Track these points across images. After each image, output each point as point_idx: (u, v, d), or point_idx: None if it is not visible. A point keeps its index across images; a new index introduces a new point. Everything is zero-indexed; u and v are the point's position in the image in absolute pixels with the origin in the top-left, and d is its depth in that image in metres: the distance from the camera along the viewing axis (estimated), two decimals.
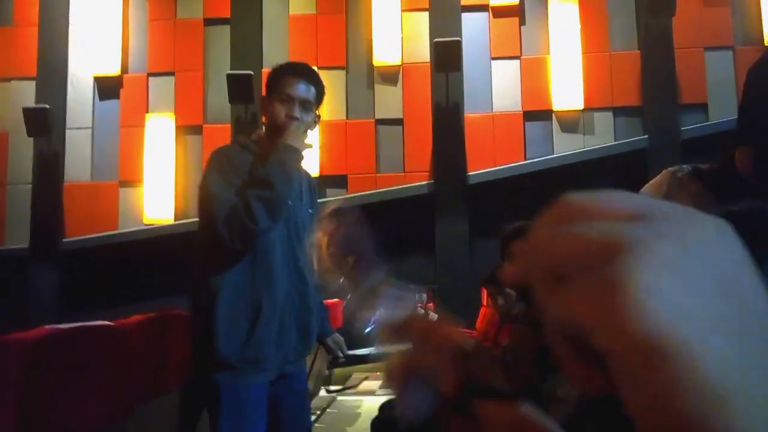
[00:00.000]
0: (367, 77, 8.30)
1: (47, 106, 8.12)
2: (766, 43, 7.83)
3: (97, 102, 8.53)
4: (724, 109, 7.72)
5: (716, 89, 7.86)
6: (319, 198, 7.98)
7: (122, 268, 7.71)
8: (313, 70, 2.04)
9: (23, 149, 8.31)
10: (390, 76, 8.26)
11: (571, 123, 8.02)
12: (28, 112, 7.99)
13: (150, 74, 8.49)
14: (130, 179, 8.34)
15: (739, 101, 1.95)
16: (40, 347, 1.24)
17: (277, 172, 1.77)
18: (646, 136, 7.78)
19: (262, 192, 1.75)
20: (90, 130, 8.47)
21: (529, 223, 1.68)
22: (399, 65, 8.23)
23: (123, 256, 7.75)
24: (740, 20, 7.99)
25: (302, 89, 1.92)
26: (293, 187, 1.87)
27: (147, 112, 8.41)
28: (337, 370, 5.49)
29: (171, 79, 8.45)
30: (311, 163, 8.06)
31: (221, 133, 8.18)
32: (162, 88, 8.46)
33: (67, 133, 8.42)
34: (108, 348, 1.45)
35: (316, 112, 1.99)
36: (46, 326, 1.29)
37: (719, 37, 7.94)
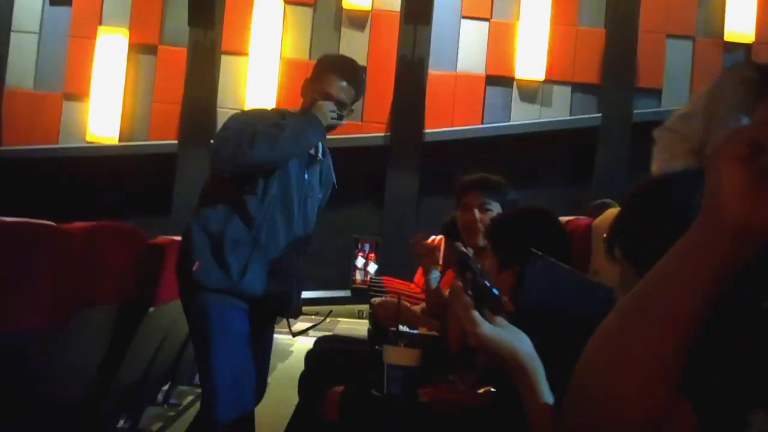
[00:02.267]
0: (335, 18, 8.12)
1: None
2: (725, 37, 8.06)
3: (47, 6, 8.05)
4: (677, 97, 7.96)
5: (672, 76, 8.09)
6: None
7: (61, 184, 7.44)
8: (359, 71, 2.09)
9: None
10: (358, 20, 8.10)
11: (530, 93, 8.11)
12: None
13: None
14: (76, 92, 7.98)
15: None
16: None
17: (294, 125, 1.83)
18: (600, 115, 7.96)
19: (271, 129, 1.80)
20: (37, 35, 8.01)
21: (487, 174, 1.73)
22: (368, 10, 8.07)
23: (63, 171, 7.47)
24: (704, 12, 8.18)
25: (343, 89, 1.96)
26: (305, 158, 1.96)
27: (100, 24, 8.00)
28: None
29: None
30: (268, 100, 7.91)
31: (177, 56, 7.89)
32: (118, 1, 8.05)
33: (12, 35, 7.95)
34: (49, 247, 1.43)
35: (351, 107, 2.03)
36: None
37: (682, 25, 8.12)
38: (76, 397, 1.93)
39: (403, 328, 1.51)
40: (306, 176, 1.98)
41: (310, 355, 2.31)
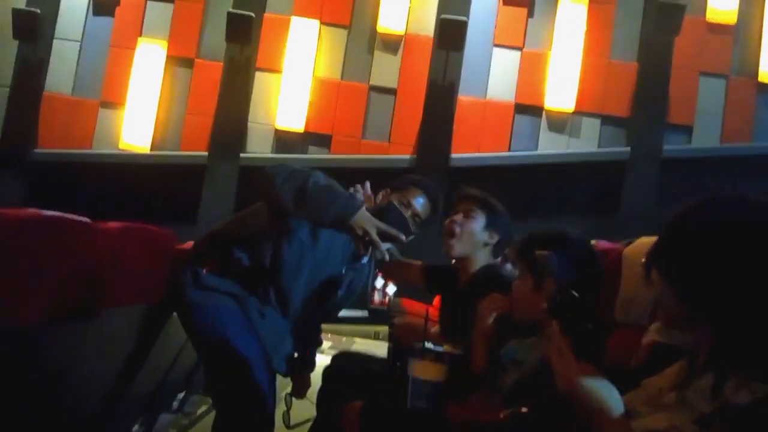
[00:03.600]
0: (369, 41, 8.23)
1: (38, 11, 7.87)
2: (759, 77, 7.99)
3: (90, 16, 8.29)
4: (708, 135, 7.89)
5: (704, 114, 8.01)
6: (301, 154, 7.82)
7: (92, 189, 7.59)
8: (440, 195, 2.11)
9: (7, 51, 8.06)
10: (391, 44, 8.20)
11: (559, 123, 8.10)
12: (17, 14, 7.74)
13: None
14: (112, 100, 8.16)
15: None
16: (23, 227, 1.25)
17: (333, 196, 1.73)
18: (629, 149, 7.90)
19: (306, 182, 1.71)
20: (78, 44, 8.23)
21: (488, 196, 1.75)
22: (402, 34, 8.17)
23: (94, 176, 7.62)
24: (740, 50, 8.12)
25: (422, 204, 2.01)
26: (334, 242, 1.86)
27: (140, 35, 8.21)
28: None
29: (169, 7, 8.25)
30: (299, 118, 8.01)
31: (212, 70, 8.05)
32: (159, 13, 8.26)
33: (55, 42, 8.19)
34: (82, 243, 1.46)
35: (419, 229, 2.03)
36: (29, 209, 1.29)
37: (716, 64, 8.07)
38: (95, 396, 1.95)
39: (428, 345, 1.51)
40: (344, 270, 1.95)
41: (327, 372, 2.30)
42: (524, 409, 1.05)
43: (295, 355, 2.07)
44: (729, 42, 8.09)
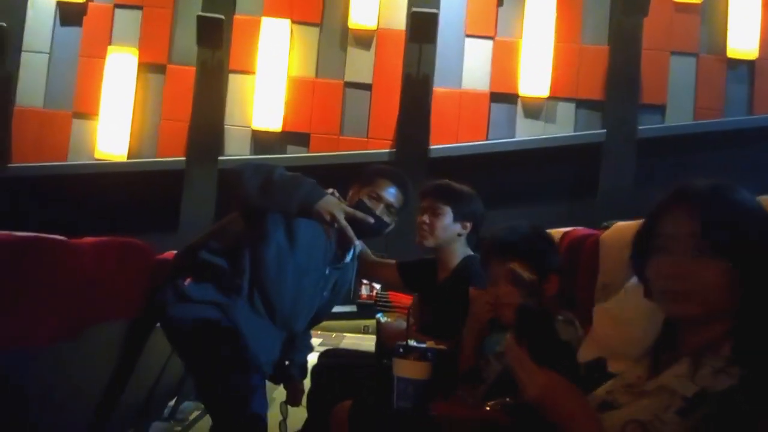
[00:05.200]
0: (341, 38, 8.21)
1: (4, 24, 7.75)
2: (728, 54, 8.10)
3: (58, 27, 8.18)
4: (681, 113, 7.99)
5: (676, 93, 8.12)
6: (280, 154, 7.76)
7: (69, 201, 7.50)
8: (407, 179, 2.06)
9: None
10: (364, 40, 8.19)
11: (534, 109, 8.16)
12: None
13: (117, 5, 8.18)
14: (85, 111, 8.07)
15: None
16: None
17: (297, 184, 1.75)
18: (605, 131, 7.99)
19: (271, 174, 1.75)
20: (47, 56, 8.13)
21: (450, 183, 1.78)
22: (374, 30, 8.16)
23: (71, 189, 7.54)
24: (707, 29, 8.23)
25: (392, 194, 1.97)
26: (312, 237, 1.84)
27: (110, 44, 8.12)
28: None
29: (138, 13, 8.16)
30: (275, 118, 7.98)
31: (185, 75, 7.99)
32: (128, 21, 8.17)
33: (23, 55, 8.07)
34: (60, 262, 1.45)
35: (395, 218, 2.00)
36: (2, 232, 1.28)
37: (686, 42, 8.17)
38: (83, 414, 1.94)
39: (411, 342, 1.52)
40: (327, 272, 1.94)
41: (315, 371, 2.31)
42: (508, 399, 1.06)
43: (286, 362, 2.07)
44: (696, 21, 8.19)
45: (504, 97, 8.13)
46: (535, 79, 8.05)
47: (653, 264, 0.93)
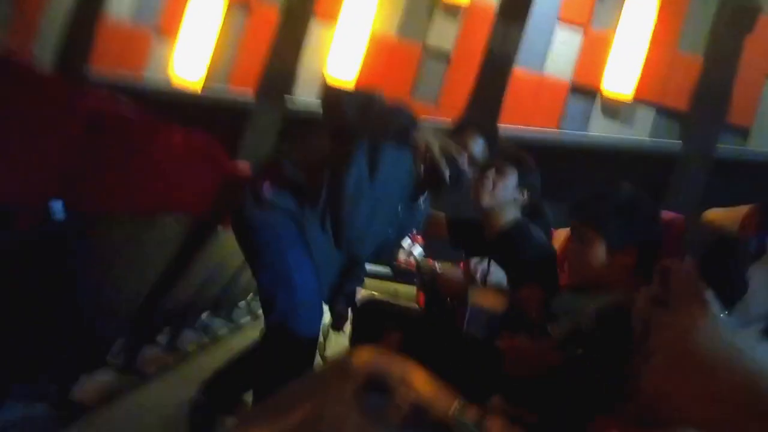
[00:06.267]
0: (429, 2, 8.08)
1: None
2: None
3: None
4: (765, 140, 7.63)
5: (765, 117, 7.73)
6: None
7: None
8: (497, 133, 2.00)
9: None
10: (453, 8, 8.03)
11: (613, 108, 7.90)
12: None
13: None
14: (168, 31, 8.20)
15: None
16: (101, 115, 1.26)
17: (397, 112, 1.72)
18: (681, 142, 7.68)
19: (372, 99, 1.73)
20: None
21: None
22: (467, 3, 7.98)
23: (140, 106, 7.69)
24: None
25: (479, 148, 1.91)
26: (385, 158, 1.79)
27: None
28: None
29: None
30: (349, 70, 7.95)
31: (269, 14, 8.01)
32: None
33: None
34: (153, 142, 1.47)
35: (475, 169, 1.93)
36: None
37: None
38: (133, 299, 1.99)
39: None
40: (399, 208, 1.91)
41: (358, 314, 2.30)
42: (580, 351, 1.03)
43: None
44: None
45: (584, 91, 7.89)
46: (621, 77, 7.77)
47: None
